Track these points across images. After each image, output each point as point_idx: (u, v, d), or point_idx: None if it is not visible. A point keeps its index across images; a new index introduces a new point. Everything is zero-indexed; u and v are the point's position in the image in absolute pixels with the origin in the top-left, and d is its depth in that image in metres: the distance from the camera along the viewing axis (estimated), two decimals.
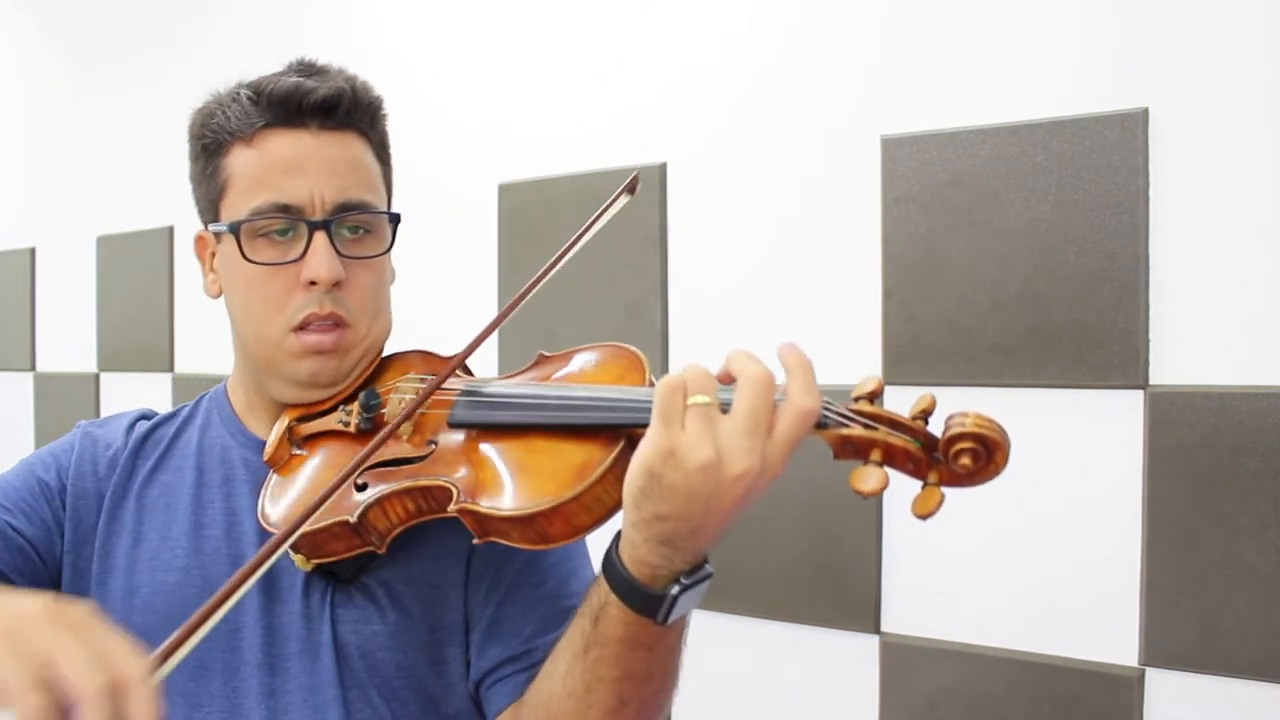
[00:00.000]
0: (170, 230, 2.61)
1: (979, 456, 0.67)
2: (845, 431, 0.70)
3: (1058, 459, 1.41)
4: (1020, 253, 1.43)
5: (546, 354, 0.90)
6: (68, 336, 2.88)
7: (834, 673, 1.60)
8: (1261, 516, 1.28)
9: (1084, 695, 1.39)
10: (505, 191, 1.96)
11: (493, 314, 1.05)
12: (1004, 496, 1.43)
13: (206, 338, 2.50)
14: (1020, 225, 1.43)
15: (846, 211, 1.59)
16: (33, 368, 3.01)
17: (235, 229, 0.90)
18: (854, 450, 0.70)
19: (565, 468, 0.75)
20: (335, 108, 0.91)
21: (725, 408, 0.68)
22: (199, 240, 0.99)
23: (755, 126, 1.69)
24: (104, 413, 2.77)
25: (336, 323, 0.91)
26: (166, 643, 0.63)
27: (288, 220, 0.89)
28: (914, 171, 1.52)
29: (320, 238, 0.89)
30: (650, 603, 0.71)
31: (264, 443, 0.94)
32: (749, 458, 0.66)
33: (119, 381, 2.76)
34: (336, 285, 0.89)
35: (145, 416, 1.04)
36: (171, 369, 2.59)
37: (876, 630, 1.56)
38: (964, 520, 1.47)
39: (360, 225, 0.92)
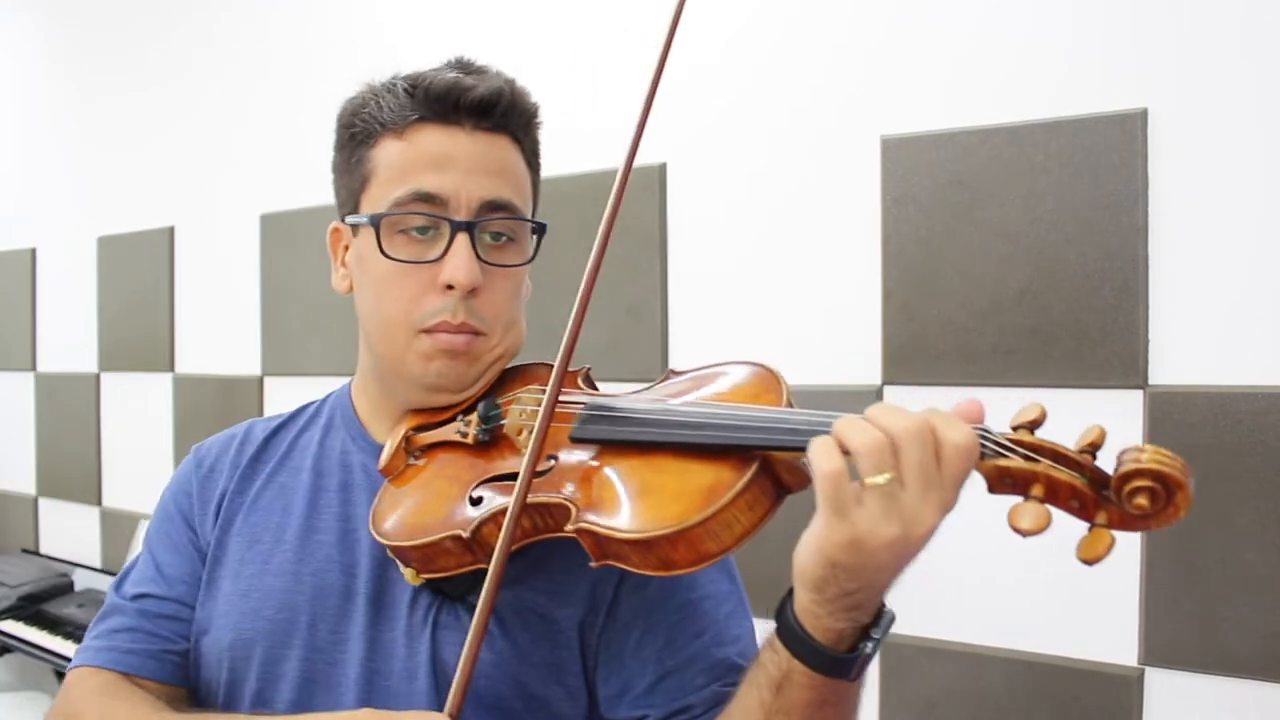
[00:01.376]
0: (170, 230, 2.61)
1: (1157, 497, 0.60)
2: (1004, 463, 0.64)
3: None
4: (1020, 253, 1.43)
5: (676, 370, 0.86)
6: (68, 336, 2.88)
7: None
8: (1261, 517, 1.28)
9: (1084, 695, 1.39)
10: None
11: None
12: (1003, 496, 1.43)
13: (206, 338, 2.51)
14: (1020, 225, 1.43)
15: (846, 211, 1.59)
16: (33, 368, 3.01)
17: (376, 221, 0.86)
18: (1012, 484, 0.64)
19: (693, 489, 0.71)
20: (492, 108, 0.88)
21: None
22: (334, 232, 0.96)
23: (755, 127, 1.69)
24: (104, 412, 2.78)
25: (469, 332, 0.87)
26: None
27: (429, 216, 0.85)
28: (914, 171, 1.52)
29: (462, 239, 0.85)
30: (842, 664, 0.68)
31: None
32: (933, 515, 0.63)
33: (119, 381, 2.76)
34: (472, 292, 0.85)
35: (257, 424, 1.02)
36: (172, 369, 2.59)
37: None
38: (963, 520, 1.46)
39: (504, 231, 0.88)
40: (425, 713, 0.78)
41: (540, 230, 0.92)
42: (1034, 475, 0.63)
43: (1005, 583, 1.46)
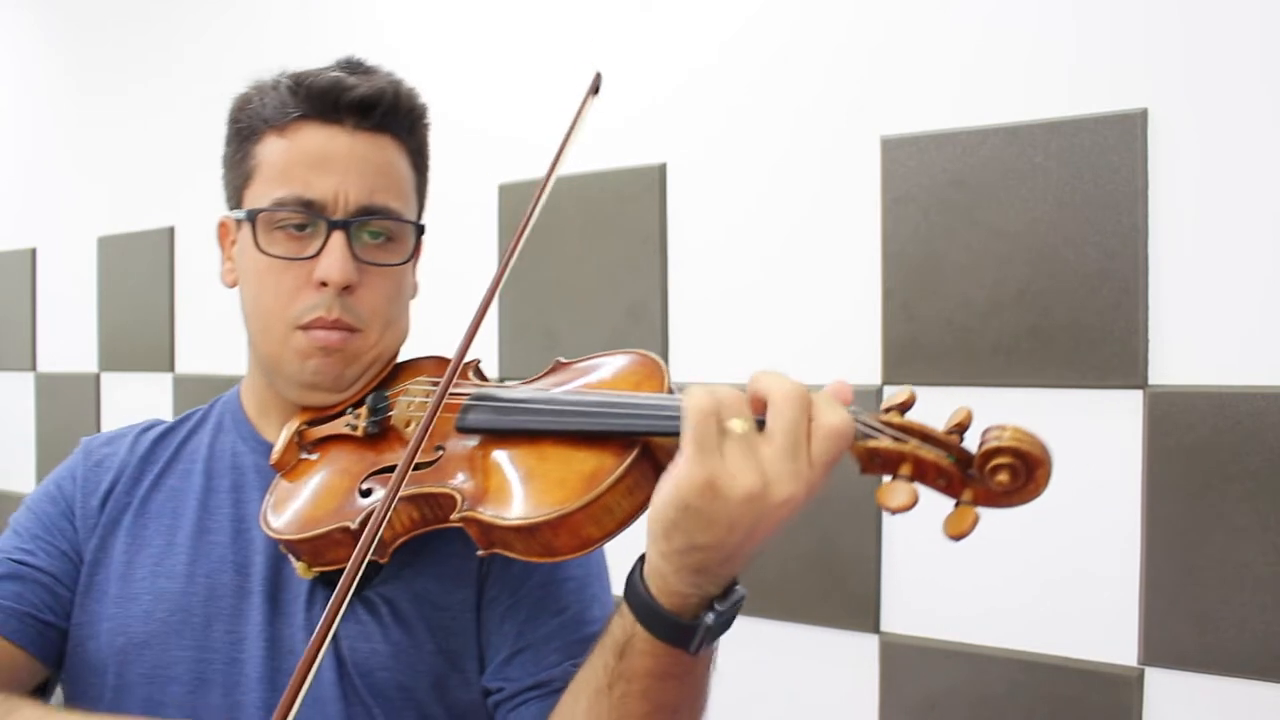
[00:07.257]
0: (170, 230, 2.61)
1: (1017, 473, 0.63)
2: (873, 444, 0.65)
3: (1057, 459, 1.41)
4: (1020, 253, 1.43)
5: (564, 360, 0.86)
6: (68, 337, 2.88)
7: (834, 672, 1.60)
8: (1261, 516, 1.28)
9: (1084, 695, 1.39)
10: (505, 191, 1.96)
11: (492, 314, 1.01)
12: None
13: (206, 338, 2.50)
14: (1020, 225, 1.43)
15: (846, 212, 1.59)
16: (33, 368, 3.01)
17: (253, 217, 0.88)
18: (882, 464, 0.66)
19: (574, 475, 0.72)
20: (373, 108, 0.88)
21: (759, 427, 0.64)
22: (221, 226, 0.98)
23: (755, 127, 1.69)
24: (104, 413, 2.78)
25: (344, 329, 0.88)
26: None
27: (307, 215, 0.87)
28: (914, 171, 1.52)
29: (338, 238, 0.86)
30: (682, 633, 0.68)
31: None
32: (795, 482, 0.63)
33: (119, 381, 2.76)
34: (347, 289, 0.87)
35: (151, 427, 1.02)
36: (172, 369, 2.59)
37: (876, 630, 1.56)
38: None
39: (382, 231, 0.90)
40: None
41: (420, 231, 0.93)
42: (902, 455, 0.65)
43: (1005, 582, 1.46)
